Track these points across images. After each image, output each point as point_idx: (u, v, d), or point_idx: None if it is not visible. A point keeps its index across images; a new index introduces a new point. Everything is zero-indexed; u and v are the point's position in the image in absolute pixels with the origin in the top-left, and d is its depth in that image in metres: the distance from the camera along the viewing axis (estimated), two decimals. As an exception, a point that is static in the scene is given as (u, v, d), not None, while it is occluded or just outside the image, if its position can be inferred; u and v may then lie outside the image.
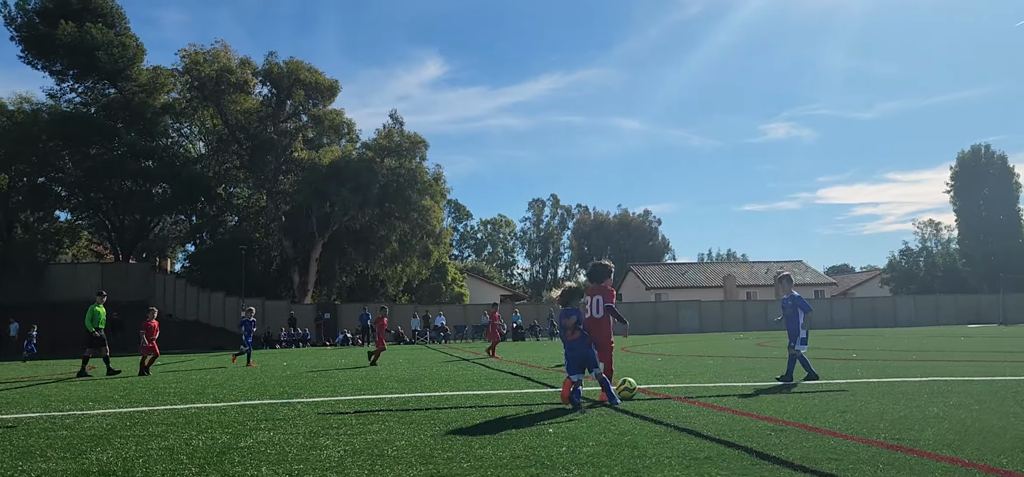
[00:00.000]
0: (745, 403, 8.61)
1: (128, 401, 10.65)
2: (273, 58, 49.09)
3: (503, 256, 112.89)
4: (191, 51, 47.34)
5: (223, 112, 47.84)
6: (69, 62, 47.27)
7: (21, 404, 10.83)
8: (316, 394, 11.13)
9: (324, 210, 47.23)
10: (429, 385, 12.19)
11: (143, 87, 48.96)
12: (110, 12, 48.97)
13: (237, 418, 8.37)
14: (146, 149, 48.44)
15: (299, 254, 48.81)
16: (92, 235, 54.65)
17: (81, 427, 7.97)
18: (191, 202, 49.96)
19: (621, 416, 7.63)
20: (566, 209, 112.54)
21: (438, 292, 58.08)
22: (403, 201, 47.72)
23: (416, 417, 8.05)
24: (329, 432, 7.08)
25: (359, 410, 8.87)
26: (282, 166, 48.66)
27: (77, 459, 6.02)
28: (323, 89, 49.89)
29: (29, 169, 46.19)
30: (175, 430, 7.52)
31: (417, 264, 52.51)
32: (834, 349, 21.35)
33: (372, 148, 49.06)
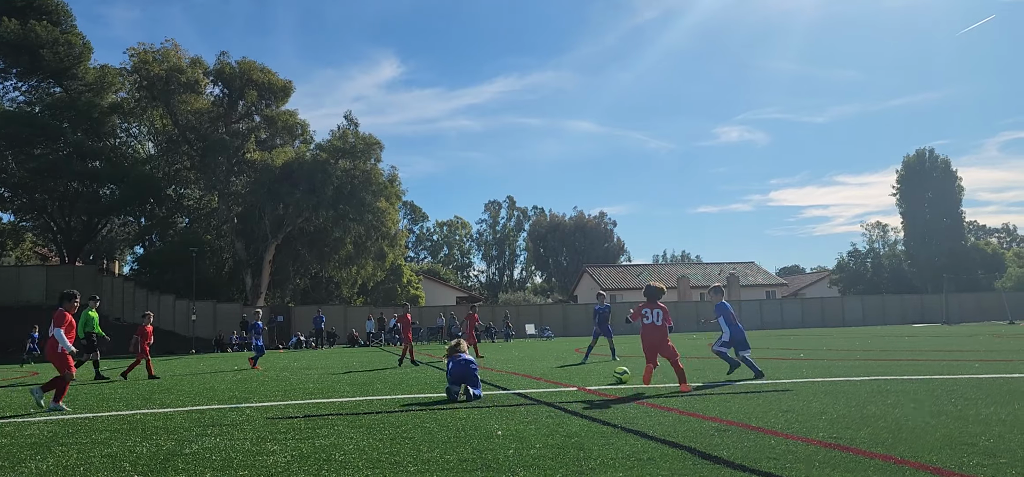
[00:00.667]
0: (691, 403, 8.77)
1: (72, 408, 10.42)
2: (225, 58, 48.39)
3: (459, 258, 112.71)
4: (140, 50, 46.41)
5: (173, 112, 46.94)
6: (12, 60, 45.94)
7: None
8: (266, 398, 11.02)
9: (277, 212, 46.69)
10: (381, 389, 12.15)
11: (90, 86, 47.82)
12: (55, 9, 47.74)
13: (183, 424, 8.26)
14: (93, 149, 47.32)
15: (252, 256, 48.15)
16: (37, 237, 53.16)
17: (21, 435, 7.79)
18: (140, 203, 48.89)
19: (570, 418, 7.72)
20: (522, 211, 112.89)
21: (394, 294, 57.75)
22: (358, 203, 47.35)
23: (366, 421, 8.03)
24: (276, 437, 7.03)
25: (309, 414, 8.81)
26: (234, 167, 47.91)
27: (15, 468, 5.90)
28: (276, 90, 49.25)
29: (-31, 170, 44.81)
30: (119, 437, 7.39)
31: (372, 266, 52.19)
32: (783, 349, 21.78)
33: (326, 149, 48.61)
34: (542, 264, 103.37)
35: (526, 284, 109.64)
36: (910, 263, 71.43)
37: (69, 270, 47.56)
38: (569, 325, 52.53)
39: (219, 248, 50.30)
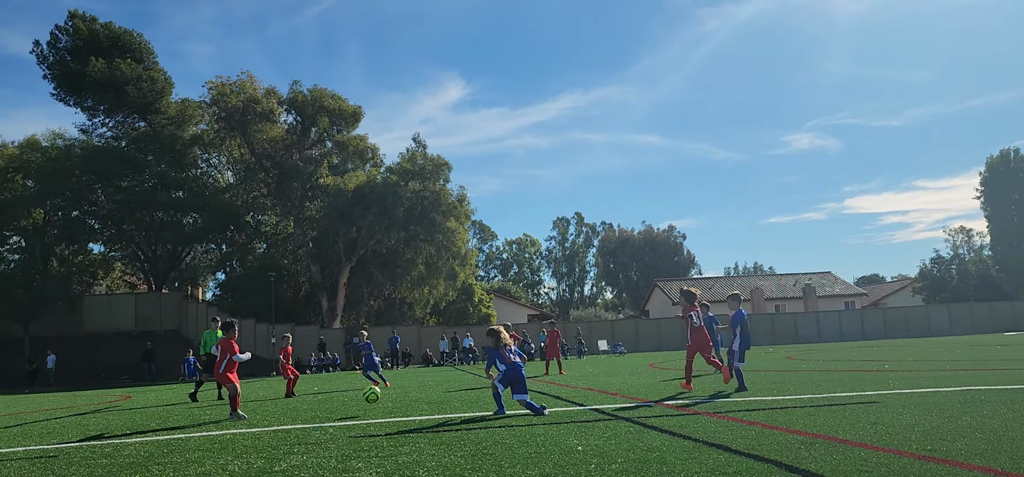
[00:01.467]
0: (775, 417, 8.59)
1: (165, 429, 10.84)
2: (297, 87, 49.87)
3: (529, 275, 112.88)
4: (218, 83, 48.22)
5: (250, 141, 48.55)
6: (100, 98, 48.38)
7: (61, 434, 11.06)
8: (347, 417, 11.24)
9: (350, 235, 47.67)
10: (459, 407, 12.26)
11: (172, 119, 49.92)
12: (139, 47, 50.08)
13: (271, 443, 8.50)
14: (176, 180, 49.31)
15: (327, 279, 49.24)
16: (125, 266, 55.64)
17: (120, 456, 8.13)
18: (221, 231, 50.70)
19: (650, 432, 7.65)
20: (590, 227, 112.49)
21: (465, 313, 58.20)
22: (428, 224, 48.01)
23: (446, 438, 8.12)
24: (361, 455, 7.16)
25: (390, 433, 8.95)
26: (308, 192, 49.21)
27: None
28: (347, 115, 50.49)
29: (63, 203, 47.18)
30: (211, 456, 7.65)
31: (444, 286, 52.74)
32: (865, 360, 21.10)
33: (396, 172, 49.47)
34: (612, 279, 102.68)
35: (597, 300, 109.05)
36: (998, 269, 68.31)
37: (156, 297, 49.59)
38: (641, 340, 51.98)
39: (296, 272, 51.62)
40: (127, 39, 50.16)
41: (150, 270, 52.15)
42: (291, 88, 49.92)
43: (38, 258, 45.51)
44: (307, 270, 50.63)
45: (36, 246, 45.43)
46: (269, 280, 43.71)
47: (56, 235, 46.98)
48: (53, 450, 8.96)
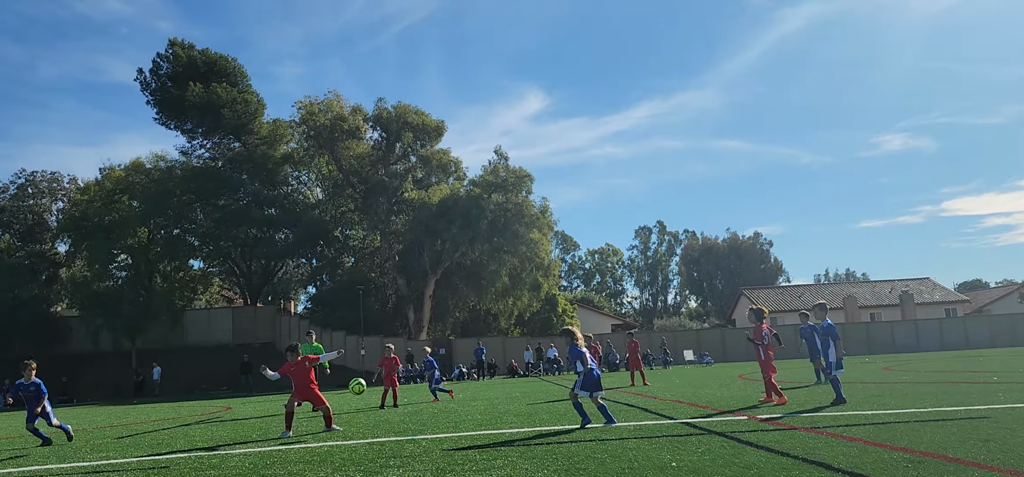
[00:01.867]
0: (876, 432, 8.30)
1: (266, 440, 11.26)
2: (382, 104, 51.03)
3: (611, 285, 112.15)
4: (307, 102, 49.76)
5: (337, 158, 49.93)
6: (198, 121, 50.67)
7: (170, 444, 11.62)
8: (438, 430, 11.43)
9: (435, 247, 48.36)
10: (548, 419, 12.30)
11: (264, 139, 51.83)
12: (233, 71, 52.22)
13: (367, 456, 8.72)
14: (269, 198, 51.13)
15: (413, 291, 50.09)
16: (223, 281, 58.00)
17: (226, 466, 8.49)
18: (311, 246, 52.29)
19: (745, 448, 7.52)
20: (673, 235, 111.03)
21: (549, 324, 58.18)
22: (511, 235, 48.29)
23: (537, 452, 8.17)
24: (455, 469, 7.29)
25: (482, 446, 9.07)
26: (394, 207, 50.21)
27: (227, 497, 6.44)
28: (430, 130, 51.35)
29: (166, 222, 49.51)
30: (311, 468, 7.92)
31: (528, 297, 52.90)
32: (971, 371, 20.11)
33: (479, 184, 49.95)
34: (696, 288, 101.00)
35: (681, 309, 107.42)
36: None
37: (252, 311, 51.48)
38: (728, 350, 50.88)
39: (383, 285, 52.71)
40: (222, 64, 52.42)
41: (246, 285, 54.25)
42: (376, 105, 51.19)
43: (143, 275, 47.88)
44: (394, 283, 51.64)
45: (141, 263, 47.82)
46: (358, 293, 44.78)
47: (159, 252, 49.33)
48: (164, 461, 9.43)
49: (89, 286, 46.49)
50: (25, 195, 57.15)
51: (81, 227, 47.28)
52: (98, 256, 46.51)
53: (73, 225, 48.14)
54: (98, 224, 46.40)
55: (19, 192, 57.05)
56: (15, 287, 44.94)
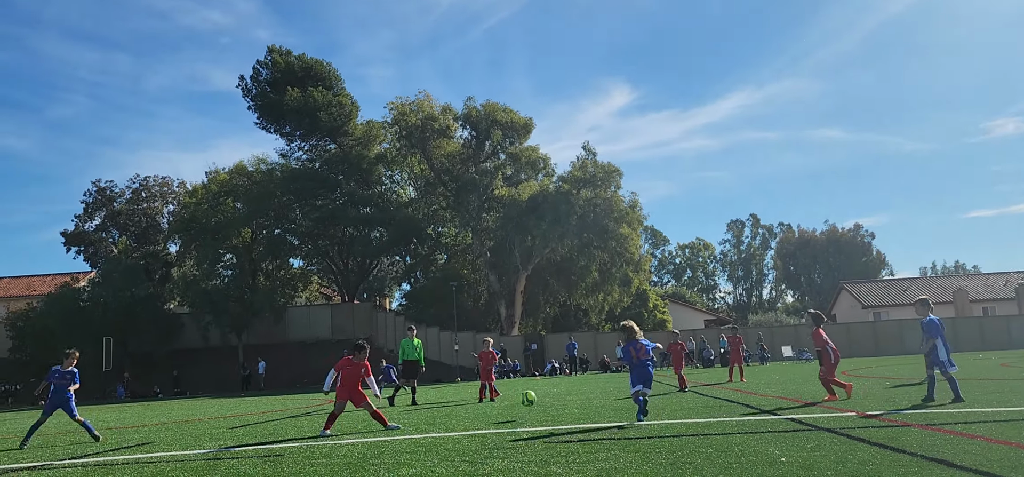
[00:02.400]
0: (1000, 430, 7.95)
1: (372, 432, 11.64)
2: (471, 102, 51.64)
3: (703, 280, 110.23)
4: (398, 103, 50.84)
5: (429, 157, 50.84)
6: (296, 124, 52.51)
7: (281, 434, 12.16)
8: (536, 423, 11.56)
9: (525, 244, 48.65)
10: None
11: (358, 140, 53.28)
12: (328, 75, 53.86)
13: (470, 447, 8.92)
14: (364, 197, 52.55)
15: (504, 287, 50.55)
16: (321, 279, 59.97)
17: (336, 456, 8.84)
18: (405, 243, 53.47)
19: (857, 445, 7.33)
20: (767, 228, 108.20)
21: (640, 319, 57.69)
22: (601, 230, 48.15)
23: (640, 445, 8.18)
24: (558, 460, 7.38)
25: (582, 439, 9.14)
26: (484, 204, 50.76)
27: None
28: (518, 127, 51.67)
29: (267, 222, 51.55)
30: (418, 458, 8.16)
31: (618, 292, 52.62)
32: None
33: (568, 180, 49.98)
34: (793, 282, 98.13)
35: (776, 304, 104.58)
36: None
37: (349, 308, 53.00)
38: (829, 346, 49.17)
39: (475, 281, 53.39)
40: (318, 68, 54.15)
41: (343, 282, 55.94)
42: (465, 104, 51.85)
43: (247, 273, 50.02)
44: (486, 279, 52.24)
45: (245, 262, 49.96)
46: (450, 290, 45.53)
47: (262, 252, 51.42)
48: (279, 449, 9.88)
49: (198, 284, 48.92)
50: (139, 199, 60.50)
51: (190, 228, 49.83)
52: (206, 256, 48.89)
53: (182, 227, 50.80)
54: (205, 225, 48.79)
55: (134, 196, 60.45)
56: (132, 285, 47.61)
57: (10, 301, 64.17)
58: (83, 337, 45.12)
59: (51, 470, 9.00)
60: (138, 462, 9.42)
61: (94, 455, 10.66)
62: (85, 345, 45.15)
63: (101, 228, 60.20)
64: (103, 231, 60.02)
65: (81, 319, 46.05)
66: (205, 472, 8.03)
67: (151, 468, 8.63)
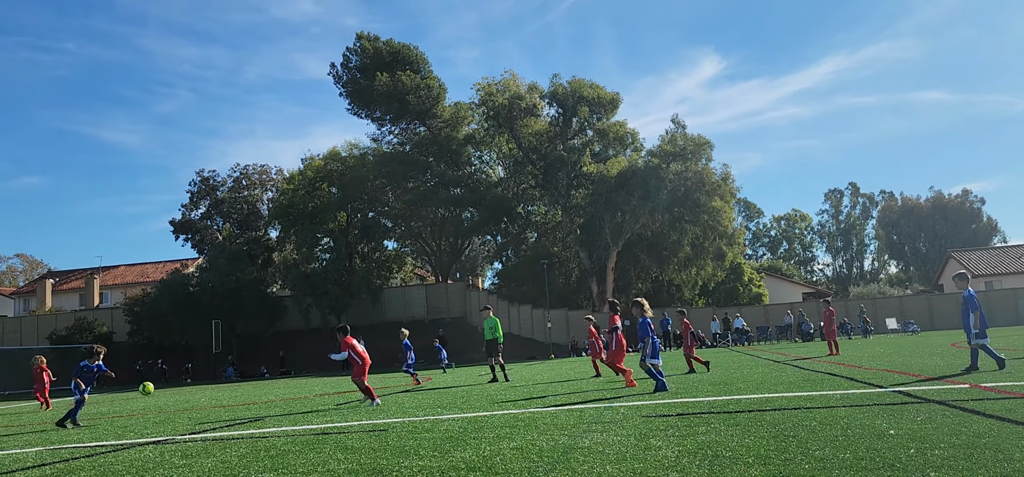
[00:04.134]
0: None
1: (470, 407, 11.90)
2: (557, 80, 51.52)
3: (800, 252, 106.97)
4: (485, 84, 51.20)
5: (516, 136, 51.04)
6: (386, 108, 53.60)
7: (385, 411, 12.56)
8: (634, 398, 11.56)
9: (615, 220, 48.36)
10: (743, 387, 12.09)
11: (447, 122, 53.98)
12: (415, 59, 54.67)
13: (568, 421, 9.02)
14: (454, 178, 53.28)
15: (595, 264, 50.44)
16: (415, 260, 61.25)
17: (438, 430, 9.09)
18: (495, 223, 54.01)
19: (971, 417, 7.06)
20: (868, 197, 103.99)
21: (735, 293, 56.63)
22: (692, 204, 47.39)
23: (740, 419, 8.09)
24: (657, 434, 7.38)
25: (681, 413, 9.10)
26: (573, 181, 50.68)
27: (444, 457, 6.91)
28: (605, 103, 51.26)
29: (361, 206, 52.95)
30: (518, 432, 8.30)
31: (711, 266, 51.74)
32: None
33: (657, 155, 49.33)
34: (896, 252, 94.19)
35: (879, 275, 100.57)
36: None
37: (443, 288, 53.99)
38: (935, 317, 47.15)
39: (566, 258, 53.48)
40: (405, 53, 55.00)
41: (436, 263, 57.03)
42: (551, 82, 51.78)
43: (344, 256, 51.55)
44: (576, 256, 52.24)
45: (342, 246, 51.50)
46: (541, 267, 45.74)
47: (357, 235, 52.90)
48: (383, 425, 10.23)
49: (298, 268, 50.75)
50: (240, 187, 63.10)
51: (288, 214, 51.70)
52: (304, 240, 50.64)
53: (281, 212, 52.75)
54: (303, 211, 50.53)
55: (235, 185, 63.09)
56: (237, 271, 49.77)
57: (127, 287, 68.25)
58: (193, 320, 47.64)
59: (173, 444, 9.58)
60: (252, 436, 9.92)
61: (212, 430, 11.29)
62: (195, 328, 47.72)
63: (206, 216, 63.11)
64: (208, 219, 62.91)
65: (191, 303, 48.52)
66: (315, 445, 8.40)
67: (264, 443, 9.07)
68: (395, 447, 7.75)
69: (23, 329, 57.74)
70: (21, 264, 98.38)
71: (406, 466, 6.50)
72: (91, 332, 52.72)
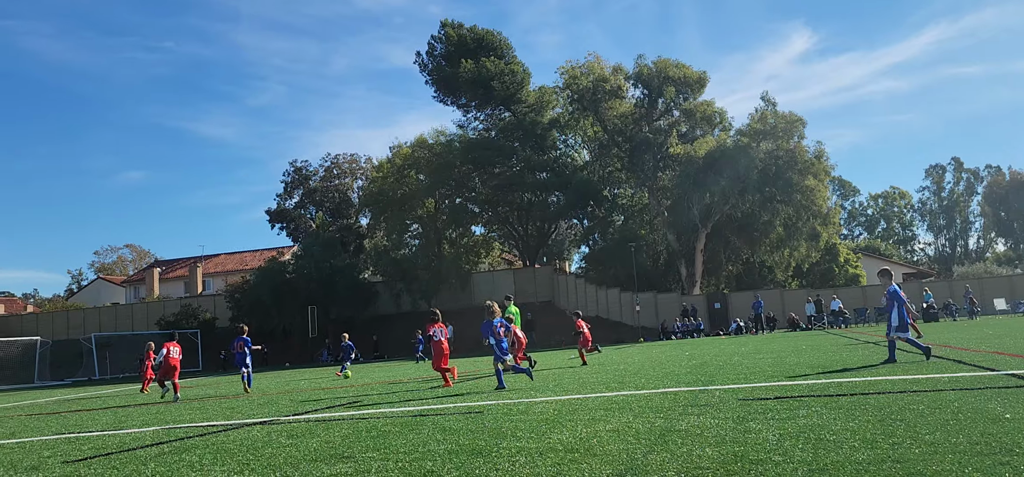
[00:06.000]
0: None
1: (562, 390, 12.00)
2: (642, 60, 50.83)
3: (900, 231, 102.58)
4: (568, 67, 51.03)
5: (602, 119, 50.71)
6: (471, 95, 54.15)
7: (478, 395, 12.79)
8: (727, 381, 11.42)
9: (704, 201, 47.53)
10: (843, 370, 11.77)
11: (532, 107, 54.11)
12: (499, 45, 54.93)
13: (663, 404, 8.99)
14: (539, 163, 53.42)
15: (684, 246, 49.75)
16: (502, 245, 61.77)
17: (533, 412, 9.21)
18: (581, 206, 53.91)
19: (1095, 402, 6.71)
20: (972, 172, 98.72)
21: (830, 274, 54.85)
22: (784, 184, 46.12)
23: (842, 403, 7.91)
24: (756, 417, 7.29)
25: (779, 396, 8.95)
26: (660, 163, 50.05)
27: (541, 439, 7.01)
28: (692, 82, 50.34)
29: (449, 192, 53.71)
30: (613, 415, 8.34)
31: (805, 247, 50.24)
32: None
33: (746, 134, 48.19)
34: (1004, 229, 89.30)
35: (985, 254, 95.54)
36: None
37: (531, 272, 54.30)
38: (1051, 297, 44.52)
39: (653, 241, 52.92)
40: (489, 39, 55.32)
41: (523, 247, 57.36)
42: (636, 62, 51.11)
43: (433, 242, 52.44)
44: (664, 238, 51.62)
45: (430, 232, 52.39)
46: (629, 250, 45.41)
47: (445, 221, 53.70)
48: (478, 407, 10.43)
49: (388, 255, 51.89)
50: (331, 176, 64.93)
51: (378, 202, 52.88)
52: (394, 227, 51.76)
53: (371, 200, 54.01)
54: (392, 198, 51.59)
55: (326, 174, 64.95)
56: (331, 257, 51.26)
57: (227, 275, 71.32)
58: (290, 306, 49.39)
59: (279, 425, 10.03)
60: (353, 418, 10.29)
61: (314, 412, 11.76)
62: (292, 313, 49.46)
63: (299, 205, 65.20)
64: (301, 208, 64.98)
65: (287, 289, 50.30)
66: (414, 425, 8.66)
67: (365, 423, 9.40)
68: (492, 429, 7.91)
69: (134, 315, 61.12)
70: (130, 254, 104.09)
71: (504, 447, 6.63)
72: (196, 318, 55.38)
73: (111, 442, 9.38)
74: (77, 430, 11.53)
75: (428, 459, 6.23)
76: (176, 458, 7.42)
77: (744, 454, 5.51)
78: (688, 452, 5.73)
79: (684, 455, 5.64)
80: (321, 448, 7.35)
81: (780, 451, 5.53)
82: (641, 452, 5.91)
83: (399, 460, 6.32)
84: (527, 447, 6.55)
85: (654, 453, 5.83)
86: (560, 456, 5.98)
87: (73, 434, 10.94)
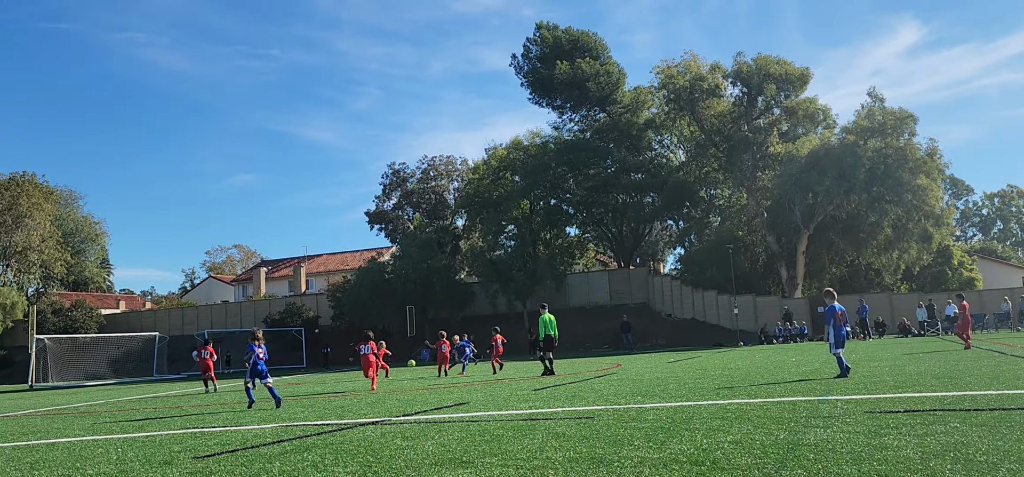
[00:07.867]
0: None
1: (668, 396, 11.81)
2: (741, 58, 49.54)
3: (1018, 232, 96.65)
4: (664, 66, 50.25)
5: (698, 118, 49.75)
6: (566, 96, 54.09)
7: (585, 398, 12.73)
8: (849, 392, 10.98)
9: (806, 201, 45.94)
10: (972, 382, 11.15)
11: (627, 107, 53.62)
12: (594, 46, 54.64)
13: (781, 414, 8.71)
14: (634, 164, 52.88)
15: (784, 248, 48.25)
16: (597, 246, 61.46)
17: (645, 419, 9.09)
18: (677, 207, 53.06)
19: None
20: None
21: (943, 278, 52.07)
22: (893, 183, 44.06)
23: (982, 417, 7.48)
24: (889, 431, 6.98)
25: (909, 409, 8.54)
26: (759, 162, 48.71)
27: (661, 448, 6.89)
28: (793, 79, 48.74)
29: (544, 193, 53.74)
30: (730, 424, 8.13)
31: (916, 249, 47.84)
32: None
33: (852, 131, 46.29)
34: None
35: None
36: None
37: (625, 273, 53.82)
38: None
39: (752, 243, 51.52)
40: (584, 40, 55.10)
41: (618, 249, 56.90)
42: (734, 60, 49.79)
43: (528, 243, 52.59)
44: (763, 240, 50.15)
45: (526, 233, 52.57)
46: (726, 252, 44.37)
47: (540, 222, 53.77)
48: (587, 412, 10.37)
49: (484, 256, 52.34)
50: (428, 178, 66.01)
51: (473, 203, 53.41)
52: (490, 228, 52.18)
53: (467, 201, 54.60)
54: (487, 199, 52.02)
55: (423, 176, 66.08)
56: (428, 258, 52.07)
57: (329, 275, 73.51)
58: (389, 306, 50.47)
59: (391, 425, 10.24)
60: (462, 420, 10.40)
61: (422, 412, 11.95)
62: (391, 313, 50.53)
63: (397, 206, 66.54)
64: (399, 209, 66.30)
65: (386, 289, 51.40)
66: (527, 430, 8.68)
67: (477, 426, 9.48)
68: (607, 436, 7.84)
69: (242, 313, 63.71)
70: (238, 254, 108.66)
71: (625, 456, 6.55)
72: (300, 316, 57.25)
73: (234, 438, 9.78)
74: (200, 425, 12.09)
75: (549, 468, 6.21)
76: (299, 457, 7.65)
77: (887, 472, 5.27)
78: (825, 468, 5.52)
79: (821, 472, 5.43)
80: (437, 451, 7.44)
81: (925, 471, 5.26)
82: (772, 466, 5.73)
83: (519, 467, 6.33)
84: (649, 457, 6.45)
85: (787, 468, 5.64)
86: (685, 468, 5.87)
87: (197, 429, 11.47)
